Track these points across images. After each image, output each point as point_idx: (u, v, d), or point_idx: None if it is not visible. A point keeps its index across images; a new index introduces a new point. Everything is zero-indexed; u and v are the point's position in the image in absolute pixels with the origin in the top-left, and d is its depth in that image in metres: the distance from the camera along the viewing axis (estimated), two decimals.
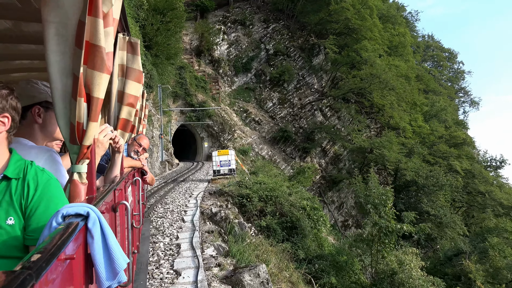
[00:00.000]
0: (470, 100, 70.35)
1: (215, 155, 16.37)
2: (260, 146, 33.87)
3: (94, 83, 1.32)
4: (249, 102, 38.23)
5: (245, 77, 39.92)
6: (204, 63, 38.26)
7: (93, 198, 1.36)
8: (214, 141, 32.58)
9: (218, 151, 17.00)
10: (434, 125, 43.64)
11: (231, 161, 16.22)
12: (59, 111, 1.29)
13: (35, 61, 2.42)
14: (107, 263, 1.21)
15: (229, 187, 12.86)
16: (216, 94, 35.70)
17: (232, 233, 8.56)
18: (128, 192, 2.47)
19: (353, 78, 36.13)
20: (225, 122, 32.22)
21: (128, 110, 2.22)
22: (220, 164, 16.11)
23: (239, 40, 40.76)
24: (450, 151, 38.15)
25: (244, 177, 15.89)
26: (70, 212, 1.17)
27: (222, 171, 16.08)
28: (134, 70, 2.19)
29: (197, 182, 16.20)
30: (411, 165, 31.59)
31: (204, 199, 11.68)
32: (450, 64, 74.11)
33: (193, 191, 13.45)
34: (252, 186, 12.80)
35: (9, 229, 1.18)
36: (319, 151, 37.34)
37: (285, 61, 40.06)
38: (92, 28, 1.32)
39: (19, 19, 1.83)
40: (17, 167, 1.24)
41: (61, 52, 1.29)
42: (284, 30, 42.72)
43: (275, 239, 10.77)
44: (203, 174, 20.26)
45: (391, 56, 40.74)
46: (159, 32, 24.31)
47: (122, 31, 2.02)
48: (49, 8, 1.28)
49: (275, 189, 13.02)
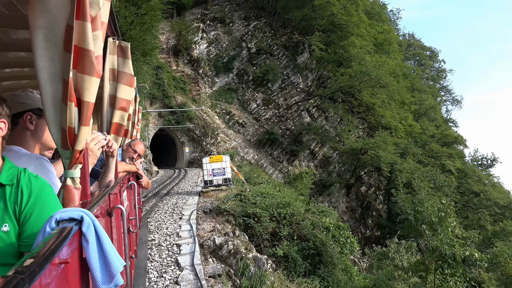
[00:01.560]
0: (452, 98, 73.37)
1: (206, 162, 14.65)
2: (245, 150, 33.88)
3: (84, 87, 1.40)
4: (232, 104, 38.29)
5: (226, 77, 40.02)
6: (182, 63, 38.14)
7: (87, 202, 1.44)
8: (196, 146, 32.44)
9: (210, 157, 15.13)
10: (425, 124, 44.81)
11: (226, 169, 14.54)
12: (50, 117, 1.36)
13: (25, 68, 2.49)
14: (103, 267, 1.28)
15: (228, 202, 11.13)
16: (197, 95, 35.59)
17: (246, 274, 7.08)
18: (124, 197, 2.55)
19: (341, 76, 36.44)
20: (207, 125, 32.11)
21: (121, 115, 2.30)
22: (212, 173, 14.45)
23: (219, 39, 40.85)
24: (443, 150, 39.22)
25: (244, 189, 14.32)
26: (64, 217, 1.24)
27: (216, 181, 14.45)
28: (126, 74, 2.28)
29: (185, 195, 14.52)
30: (407, 166, 31.64)
31: (199, 220, 9.92)
32: (432, 62, 77.35)
33: (182, 209, 11.47)
34: (258, 201, 10.95)
35: (4, 236, 1.25)
36: (307, 153, 37.64)
37: (268, 60, 40.36)
38: (80, 32, 1.40)
39: (8, 26, 1.89)
40: (10, 174, 1.31)
41: (50, 57, 1.36)
42: (266, 27, 43.11)
43: (295, 272, 9.12)
44: (189, 184, 18.66)
45: (378, 54, 41.71)
46: (134, 26, 23.85)
47: (112, 35, 2.10)
48: (37, 14, 1.35)
49: (289, 205, 10.87)
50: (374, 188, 39.74)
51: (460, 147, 47.56)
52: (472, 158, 49.75)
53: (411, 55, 74.44)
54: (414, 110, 47.06)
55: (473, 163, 47.89)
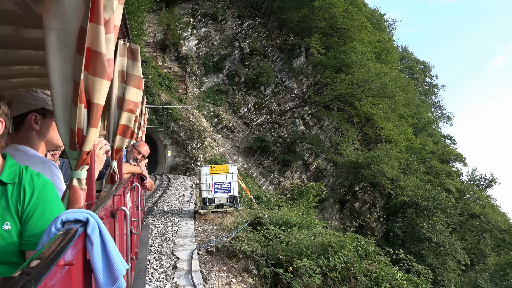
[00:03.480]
0: (443, 115, 75.55)
1: (206, 174, 11.80)
2: (234, 158, 33.82)
3: (94, 89, 1.53)
4: (221, 106, 38.42)
5: (216, 78, 40.19)
6: (169, 59, 38.17)
7: (92, 204, 1.56)
8: (180, 150, 32.35)
9: (211, 167, 12.16)
10: (424, 139, 45.56)
11: (232, 183, 11.74)
12: (59, 117, 1.49)
13: (34, 66, 2.65)
14: (106, 269, 1.40)
15: (246, 241, 7.88)
16: (183, 95, 35.59)
17: None
18: (127, 198, 2.69)
19: (341, 82, 36.63)
20: (193, 127, 32.05)
21: (128, 116, 2.49)
22: (214, 188, 11.66)
23: (210, 36, 41.07)
24: (443, 168, 39.90)
25: (260, 214, 10.93)
26: (69, 218, 1.36)
27: (218, 200, 11.60)
28: (134, 76, 2.47)
29: (174, 217, 11.51)
30: (412, 184, 31.13)
31: (204, 269, 6.88)
32: (424, 77, 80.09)
33: (174, 244, 8.27)
34: (287, 237, 8.00)
35: (5, 234, 1.35)
36: (300, 164, 37.82)
37: (262, 61, 40.65)
38: (93, 35, 1.53)
39: (20, 25, 2.03)
40: (12, 172, 1.42)
41: (62, 58, 1.49)
42: (261, 28, 43.51)
43: None
44: (176, 197, 16.11)
45: (378, 63, 42.51)
46: None
47: (122, 38, 2.26)
48: (51, 15, 1.48)
49: (342, 247, 7.45)
50: (368, 205, 40.15)
51: (458, 166, 48.51)
52: (469, 177, 50.25)
53: (404, 68, 76.73)
54: (412, 124, 47.67)
55: (469, 182, 48.56)
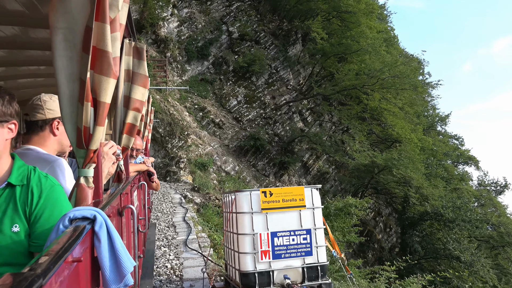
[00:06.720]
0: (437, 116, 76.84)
1: (249, 210, 4.49)
2: (223, 158, 33.14)
3: (101, 88, 1.78)
4: (207, 98, 38.22)
5: (200, 66, 40.01)
6: (146, 42, 38.04)
7: (99, 202, 1.81)
8: (158, 148, 32.14)
9: (264, 191, 4.63)
10: (435, 139, 45.73)
11: (313, 233, 4.73)
12: (66, 116, 1.73)
13: (41, 66, 2.91)
14: (113, 266, 1.64)
15: None
16: (162, 83, 35.38)
17: None
18: (134, 197, 2.99)
19: (349, 72, 36.19)
20: (174, 122, 31.57)
21: (134, 115, 2.82)
22: (273, 247, 4.50)
23: (194, 18, 40.79)
24: (458, 172, 40.18)
25: None
26: (77, 216, 1.60)
27: (282, 275, 4.51)
28: (140, 75, 2.79)
29: None
30: (437, 192, 29.67)
31: None
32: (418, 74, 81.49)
33: None
34: None
35: (14, 236, 1.58)
36: (299, 167, 37.38)
37: (253, 48, 40.34)
38: (99, 34, 1.77)
39: (27, 26, 2.27)
40: (20, 174, 1.66)
41: (68, 57, 1.73)
42: (252, 11, 43.16)
43: None
44: (164, 226, 10.51)
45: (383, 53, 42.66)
46: None
47: (128, 37, 2.51)
48: (58, 15, 1.71)
49: None
50: (373, 213, 40.19)
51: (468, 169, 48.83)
52: (480, 182, 49.63)
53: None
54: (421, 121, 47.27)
55: (480, 187, 48.55)
